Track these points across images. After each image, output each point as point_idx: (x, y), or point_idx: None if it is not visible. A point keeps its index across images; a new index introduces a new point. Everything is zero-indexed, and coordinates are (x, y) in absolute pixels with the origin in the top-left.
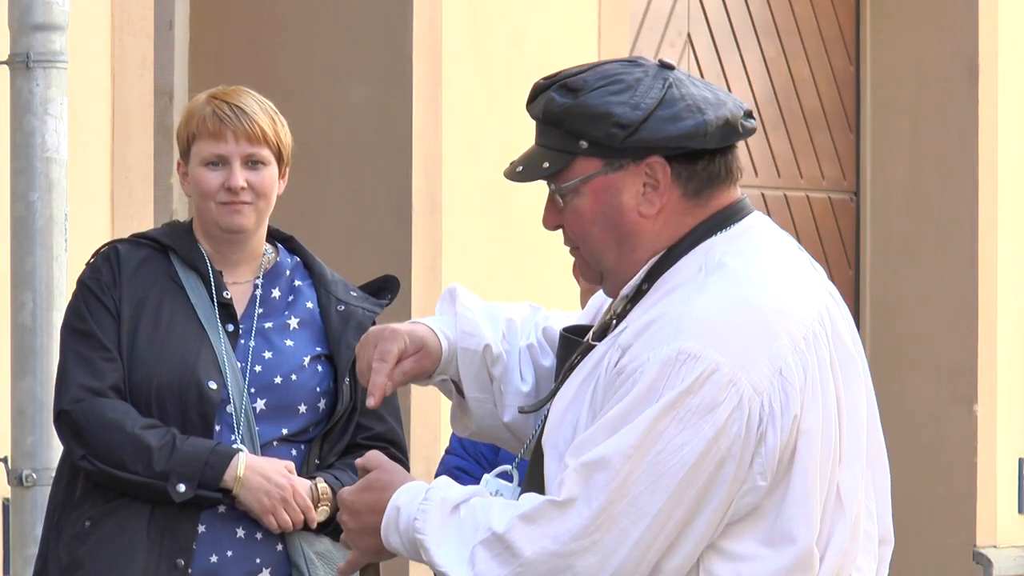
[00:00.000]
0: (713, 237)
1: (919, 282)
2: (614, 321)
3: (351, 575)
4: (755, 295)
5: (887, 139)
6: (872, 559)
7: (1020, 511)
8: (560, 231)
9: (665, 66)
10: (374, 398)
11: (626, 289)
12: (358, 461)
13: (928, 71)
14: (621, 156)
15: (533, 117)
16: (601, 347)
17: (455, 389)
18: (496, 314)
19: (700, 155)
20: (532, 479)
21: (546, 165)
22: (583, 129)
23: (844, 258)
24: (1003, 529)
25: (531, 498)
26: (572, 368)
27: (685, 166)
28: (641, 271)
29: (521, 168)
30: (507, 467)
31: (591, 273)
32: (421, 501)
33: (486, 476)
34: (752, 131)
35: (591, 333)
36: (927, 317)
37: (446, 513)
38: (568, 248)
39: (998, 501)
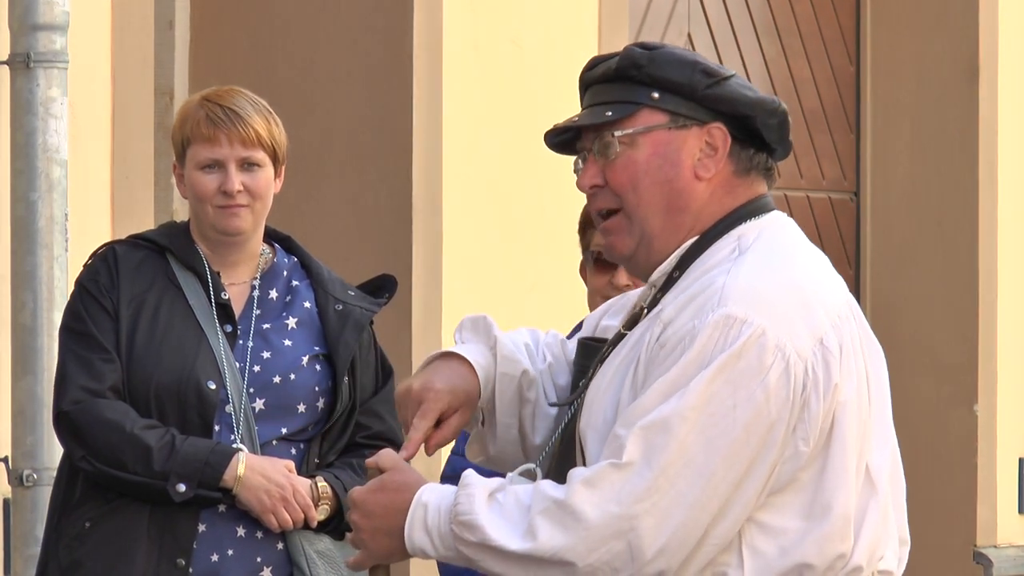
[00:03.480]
0: (743, 224)
1: (919, 282)
2: (645, 310)
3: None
4: (792, 271)
5: (887, 139)
6: (895, 556)
7: (1020, 511)
8: (589, 199)
9: None
10: (407, 452)
11: (655, 276)
12: (368, 460)
13: (928, 71)
14: (690, 114)
15: (596, 80)
16: (638, 329)
17: (481, 418)
18: (516, 340)
19: (751, 143)
20: (561, 470)
21: (608, 114)
22: (666, 75)
23: (844, 257)
24: (1003, 529)
25: (587, 468)
26: (603, 360)
27: (740, 146)
28: (672, 258)
29: (579, 118)
30: (531, 465)
31: (627, 241)
32: (461, 488)
33: (510, 474)
34: (789, 148)
35: (621, 324)
36: (927, 317)
37: (487, 497)
38: (598, 220)
39: (998, 501)
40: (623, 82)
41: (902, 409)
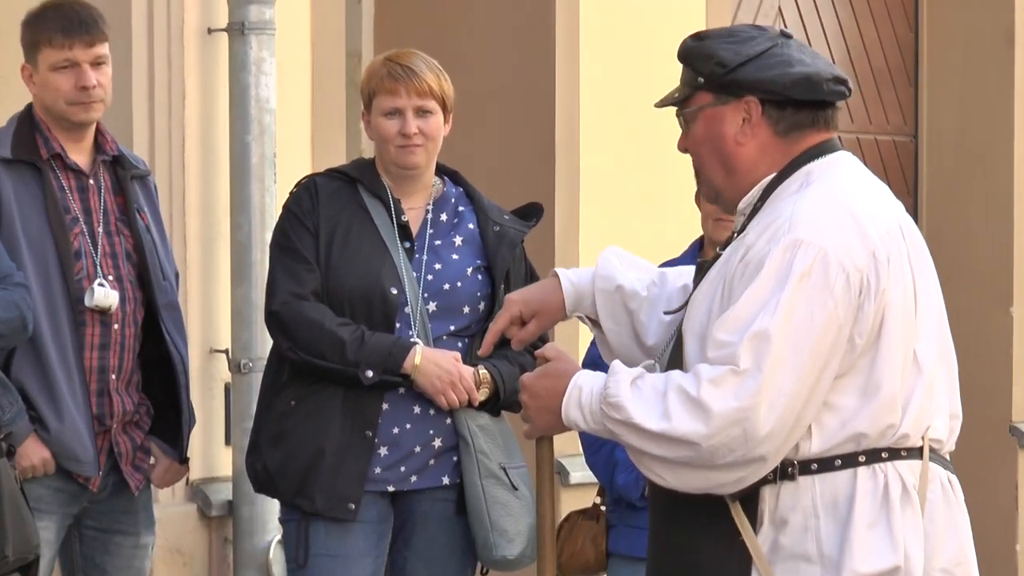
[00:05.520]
0: (810, 163)
1: (966, 207)
2: (735, 234)
3: (532, 438)
4: (846, 199)
5: (940, 92)
6: (945, 427)
7: None
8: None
9: (784, 35)
10: (483, 349)
11: (742, 205)
12: (537, 352)
13: (973, 36)
14: (726, 93)
15: (679, 60)
16: (727, 251)
17: (593, 324)
18: (646, 267)
19: (787, 103)
20: (673, 365)
21: (676, 95)
22: (698, 66)
23: (905, 188)
24: None
25: (711, 368)
26: (704, 274)
27: (775, 110)
28: (755, 190)
29: (664, 100)
30: (651, 361)
31: (708, 190)
32: (609, 375)
33: (640, 365)
34: (840, 94)
35: (717, 248)
36: (972, 235)
37: (630, 383)
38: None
39: None
40: (686, 67)
41: (951, 310)
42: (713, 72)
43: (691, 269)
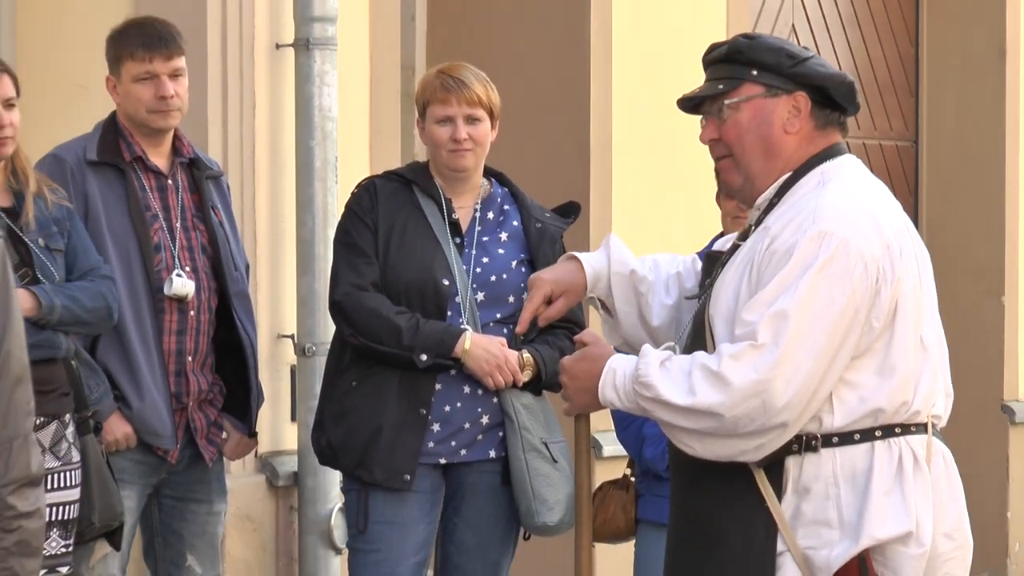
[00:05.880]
0: (824, 163)
1: (961, 206)
2: (753, 227)
3: (571, 416)
4: (862, 196)
5: (938, 102)
6: (943, 405)
7: None
8: (709, 148)
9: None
10: (520, 325)
11: (760, 200)
12: (575, 337)
13: (969, 52)
14: (780, 86)
15: (712, 61)
16: (750, 241)
17: (602, 307)
18: (645, 256)
19: (826, 104)
20: (693, 346)
21: (720, 87)
22: (760, 57)
23: (907, 188)
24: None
25: (732, 345)
26: (724, 264)
27: (818, 107)
28: (773, 187)
29: (699, 90)
30: (672, 343)
31: (736, 178)
32: (640, 358)
33: (663, 346)
34: (858, 106)
35: (736, 237)
36: (967, 231)
37: (659, 364)
38: (715, 162)
39: (1019, 367)
40: (731, 63)
41: (948, 299)
42: (781, 63)
43: (678, 257)
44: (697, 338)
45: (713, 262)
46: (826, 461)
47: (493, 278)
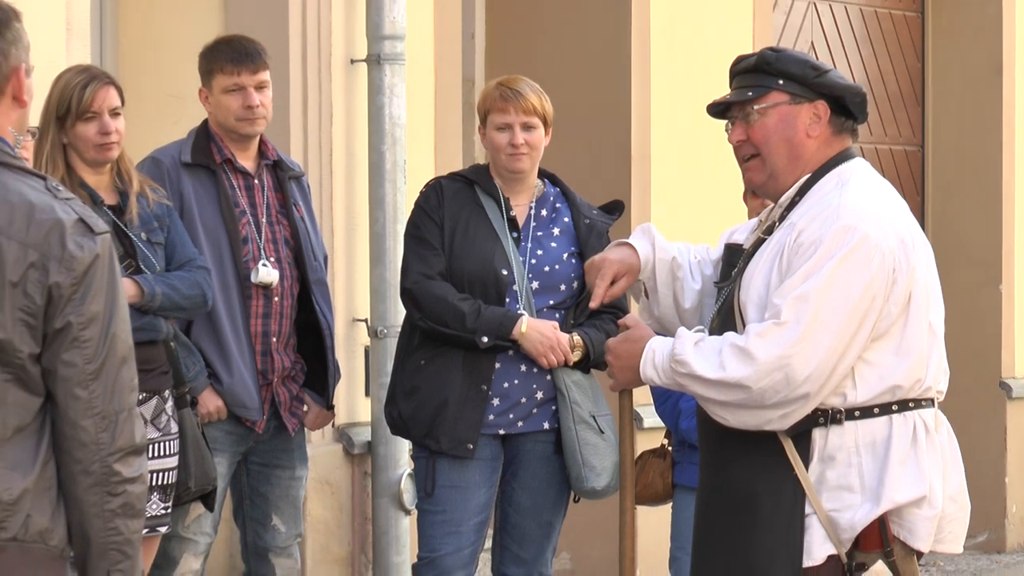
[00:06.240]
0: (840, 166)
1: (962, 203)
2: (777, 222)
3: (616, 391)
4: (878, 195)
5: (942, 111)
6: (944, 382)
7: None
8: (736, 148)
9: None
10: (595, 301)
11: (784, 198)
12: (619, 321)
13: (969, 67)
14: (803, 94)
15: (740, 71)
16: (776, 235)
17: (643, 290)
18: (673, 244)
19: (842, 113)
20: (722, 328)
21: (750, 94)
22: (786, 68)
23: (914, 189)
24: (1020, 365)
25: (758, 324)
26: (750, 256)
27: (835, 115)
28: (795, 187)
29: (729, 96)
30: (702, 327)
31: (760, 176)
32: (676, 339)
33: (695, 328)
34: (867, 116)
35: (760, 232)
36: (968, 227)
37: (693, 344)
38: (741, 162)
39: (1016, 347)
40: (758, 73)
41: (951, 288)
42: (806, 74)
43: (691, 246)
44: (727, 323)
45: (733, 253)
46: (849, 432)
47: (547, 268)
